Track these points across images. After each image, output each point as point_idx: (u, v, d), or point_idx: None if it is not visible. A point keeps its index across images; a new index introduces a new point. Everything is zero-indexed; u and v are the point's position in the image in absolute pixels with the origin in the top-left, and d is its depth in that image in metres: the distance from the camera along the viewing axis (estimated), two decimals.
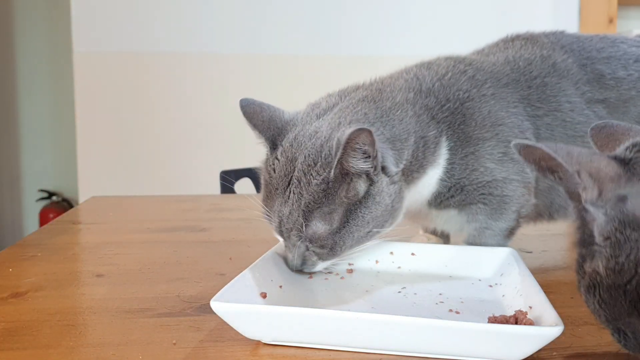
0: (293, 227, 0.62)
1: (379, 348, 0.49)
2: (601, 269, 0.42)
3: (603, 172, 0.42)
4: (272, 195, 0.65)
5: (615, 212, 0.41)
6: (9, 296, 0.63)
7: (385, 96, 0.68)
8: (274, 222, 0.64)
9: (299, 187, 0.61)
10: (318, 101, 0.72)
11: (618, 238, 0.41)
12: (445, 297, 0.60)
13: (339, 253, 0.63)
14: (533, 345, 0.45)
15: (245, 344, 0.50)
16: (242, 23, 2.36)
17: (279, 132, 0.67)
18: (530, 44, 0.79)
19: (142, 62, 2.33)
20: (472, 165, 0.70)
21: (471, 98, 0.71)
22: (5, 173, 3.40)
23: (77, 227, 1.04)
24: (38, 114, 3.39)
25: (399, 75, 0.75)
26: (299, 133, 0.65)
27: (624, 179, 0.42)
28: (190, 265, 0.76)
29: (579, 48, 0.79)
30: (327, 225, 0.61)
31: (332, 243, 0.62)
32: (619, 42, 0.80)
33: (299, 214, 0.61)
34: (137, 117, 2.35)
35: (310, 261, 0.64)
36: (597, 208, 0.42)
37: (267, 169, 0.67)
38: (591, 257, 0.43)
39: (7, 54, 3.34)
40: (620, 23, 2.56)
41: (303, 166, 0.62)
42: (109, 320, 0.57)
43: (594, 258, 0.43)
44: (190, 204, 1.25)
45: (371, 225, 0.63)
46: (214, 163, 1.91)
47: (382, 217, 0.63)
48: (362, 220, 0.62)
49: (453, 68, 0.74)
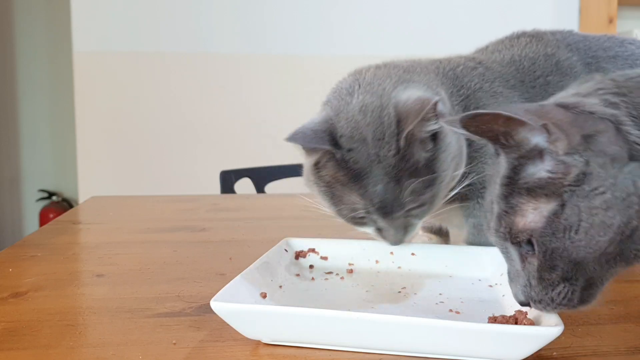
0: (394, 199, 0.63)
1: (379, 348, 0.49)
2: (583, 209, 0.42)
3: (563, 120, 0.43)
4: (357, 183, 0.64)
5: (588, 153, 0.42)
6: (9, 296, 0.63)
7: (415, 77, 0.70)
8: (370, 205, 0.64)
9: (384, 161, 0.63)
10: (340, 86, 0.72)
11: (601, 174, 0.42)
12: (445, 297, 0.60)
13: (436, 202, 0.66)
14: (533, 345, 0.45)
15: (245, 344, 0.50)
16: (242, 23, 2.36)
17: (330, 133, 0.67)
18: (535, 41, 0.80)
19: (142, 62, 2.33)
20: (479, 158, 0.70)
21: (484, 90, 0.73)
22: (5, 173, 3.40)
23: (77, 227, 1.04)
24: (38, 114, 3.39)
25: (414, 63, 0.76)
26: (350, 117, 0.66)
27: (577, 121, 0.43)
28: (190, 265, 0.76)
29: (584, 47, 0.79)
30: (420, 182, 0.63)
31: (429, 196, 0.64)
32: (627, 43, 0.80)
33: (395, 185, 0.63)
34: (137, 117, 2.35)
35: (410, 227, 0.66)
36: (573, 155, 0.43)
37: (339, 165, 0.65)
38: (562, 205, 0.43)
39: (7, 53, 3.34)
40: (620, 23, 2.56)
41: (375, 143, 0.63)
42: (109, 320, 0.57)
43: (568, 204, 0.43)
44: (190, 204, 1.25)
45: (452, 167, 0.66)
46: (214, 163, 1.91)
47: (457, 158, 0.67)
48: (445, 163, 0.65)
49: (465, 63, 0.76)
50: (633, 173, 0.42)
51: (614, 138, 0.42)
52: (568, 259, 0.43)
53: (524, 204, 0.45)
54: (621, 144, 0.42)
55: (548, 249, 0.44)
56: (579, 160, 0.42)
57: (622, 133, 0.43)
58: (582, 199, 0.42)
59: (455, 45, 1.02)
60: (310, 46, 2.39)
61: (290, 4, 2.38)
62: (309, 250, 0.70)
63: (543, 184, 0.44)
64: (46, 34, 3.33)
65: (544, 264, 0.44)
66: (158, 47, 2.33)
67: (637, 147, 0.42)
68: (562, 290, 0.45)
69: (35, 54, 3.35)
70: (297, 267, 0.68)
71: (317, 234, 0.89)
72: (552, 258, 0.44)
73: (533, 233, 0.44)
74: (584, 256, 0.43)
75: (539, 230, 0.44)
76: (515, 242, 0.46)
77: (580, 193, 0.42)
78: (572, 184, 0.43)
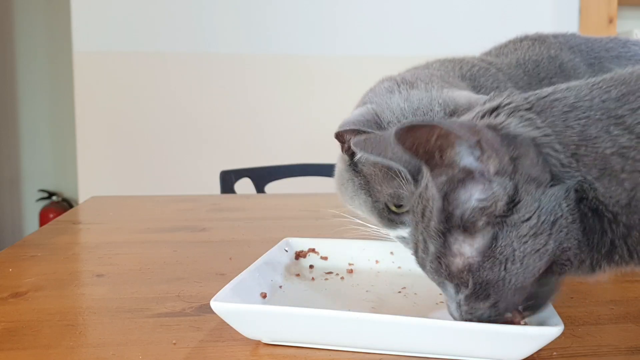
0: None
1: (379, 348, 0.49)
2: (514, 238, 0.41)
3: (493, 140, 0.42)
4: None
5: (516, 177, 0.41)
6: (9, 296, 0.63)
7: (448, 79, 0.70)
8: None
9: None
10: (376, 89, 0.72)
11: (527, 200, 0.41)
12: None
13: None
14: (533, 345, 0.45)
15: (245, 344, 0.50)
16: (242, 23, 2.36)
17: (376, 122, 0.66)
18: (538, 44, 0.80)
19: (142, 62, 2.33)
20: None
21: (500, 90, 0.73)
22: (5, 173, 3.40)
23: (77, 227, 1.04)
24: (38, 114, 3.39)
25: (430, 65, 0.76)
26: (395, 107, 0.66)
27: (504, 142, 0.42)
28: (190, 265, 0.76)
29: (587, 49, 0.80)
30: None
31: None
32: (631, 44, 0.81)
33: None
34: (137, 117, 2.35)
35: None
36: (502, 177, 0.41)
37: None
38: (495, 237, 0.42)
39: (7, 53, 3.34)
40: (620, 23, 2.56)
41: None
42: (109, 320, 0.57)
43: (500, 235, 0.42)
44: (190, 204, 1.25)
45: None
46: (214, 163, 1.91)
47: None
48: None
49: (479, 64, 0.76)
50: (556, 195, 0.41)
51: (535, 160, 0.42)
52: (504, 289, 0.43)
53: (461, 241, 0.43)
54: (542, 166, 0.42)
55: (484, 281, 0.43)
56: (508, 184, 0.41)
57: (542, 155, 0.42)
58: (512, 227, 0.41)
59: (456, 46, 1.02)
60: (310, 46, 2.39)
61: (290, 4, 2.38)
62: (309, 250, 0.70)
63: (476, 215, 0.42)
64: (46, 34, 3.33)
65: (477, 295, 0.44)
66: (158, 47, 2.33)
67: (557, 169, 0.42)
68: (486, 312, 0.45)
69: (35, 54, 3.35)
70: (297, 267, 0.68)
71: (317, 234, 0.89)
72: (486, 289, 0.43)
73: (471, 268, 0.43)
74: (522, 282, 0.42)
75: (476, 264, 0.43)
76: (457, 283, 0.45)
77: (510, 222, 0.41)
78: (503, 214, 0.41)
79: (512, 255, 0.42)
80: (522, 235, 0.41)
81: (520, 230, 0.41)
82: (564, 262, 0.43)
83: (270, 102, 2.40)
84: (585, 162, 0.42)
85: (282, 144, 2.35)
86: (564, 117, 0.43)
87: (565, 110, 0.44)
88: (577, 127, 0.43)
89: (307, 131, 2.37)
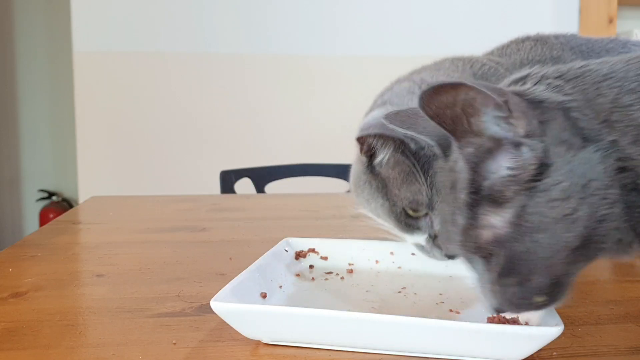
0: None
1: (379, 348, 0.49)
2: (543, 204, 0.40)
3: (520, 104, 0.41)
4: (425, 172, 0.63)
5: (546, 139, 0.40)
6: (9, 296, 0.63)
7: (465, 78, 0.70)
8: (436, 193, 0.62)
9: None
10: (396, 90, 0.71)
11: (558, 163, 0.40)
12: (446, 297, 0.60)
13: None
14: (533, 345, 0.45)
15: (245, 344, 0.50)
16: (242, 23, 2.36)
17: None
18: (540, 45, 0.80)
19: (142, 62, 2.33)
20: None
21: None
22: (5, 173, 3.40)
23: (77, 227, 1.04)
24: (38, 114, 3.39)
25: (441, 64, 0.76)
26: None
27: (531, 107, 0.41)
28: (190, 265, 0.76)
29: (588, 49, 0.80)
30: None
31: None
32: (631, 45, 0.81)
33: None
34: (137, 117, 2.35)
35: None
36: (532, 138, 0.40)
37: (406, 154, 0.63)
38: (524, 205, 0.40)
39: (7, 53, 3.34)
40: (620, 23, 2.56)
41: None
42: (109, 320, 0.57)
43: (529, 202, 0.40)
44: (190, 204, 1.25)
45: None
46: (214, 163, 1.91)
47: None
48: None
49: (488, 63, 0.76)
50: (590, 158, 0.40)
51: (564, 124, 0.41)
52: (534, 262, 0.41)
53: (490, 212, 0.42)
54: (572, 130, 0.41)
55: (514, 254, 0.42)
56: (538, 147, 0.40)
57: (571, 120, 0.41)
58: (542, 192, 0.40)
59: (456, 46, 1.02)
60: (310, 46, 2.39)
61: (290, 4, 2.38)
62: (309, 250, 0.70)
63: (505, 185, 0.41)
64: (46, 34, 3.33)
65: (506, 269, 0.43)
66: (158, 47, 2.33)
67: (588, 132, 0.41)
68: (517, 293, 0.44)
69: (35, 54, 3.35)
70: (297, 267, 0.68)
71: (317, 234, 0.89)
72: (517, 263, 0.42)
73: (499, 240, 0.42)
74: (550, 256, 0.41)
75: (504, 237, 0.42)
76: (485, 256, 0.44)
77: (540, 187, 0.40)
78: (533, 179, 0.40)
79: (541, 222, 0.40)
80: (552, 200, 0.39)
81: (551, 194, 0.39)
82: (599, 240, 0.41)
83: (270, 102, 2.40)
84: (618, 128, 0.41)
85: (282, 144, 2.35)
86: (595, 85, 0.42)
87: (597, 80, 0.43)
88: (610, 95, 0.41)
89: (307, 131, 2.37)
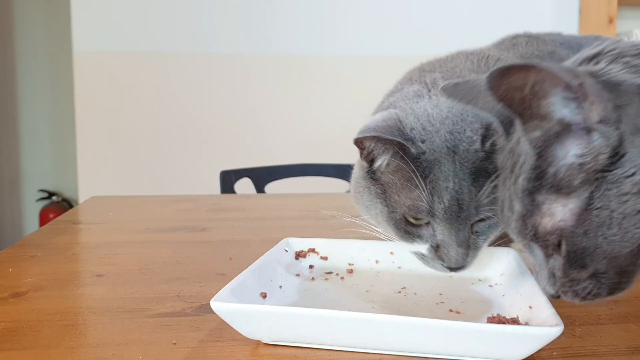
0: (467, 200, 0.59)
1: (379, 348, 0.49)
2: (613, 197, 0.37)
3: (595, 86, 0.37)
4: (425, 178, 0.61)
5: (621, 126, 0.37)
6: (9, 296, 0.63)
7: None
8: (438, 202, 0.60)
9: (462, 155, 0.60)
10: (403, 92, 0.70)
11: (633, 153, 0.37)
12: (445, 297, 0.60)
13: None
14: (533, 345, 0.45)
15: (245, 344, 0.50)
16: (242, 23, 2.36)
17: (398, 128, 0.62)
18: (534, 40, 0.81)
19: (142, 62, 2.33)
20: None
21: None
22: (5, 173, 3.40)
23: (77, 227, 1.04)
24: (38, 114, 3.39)
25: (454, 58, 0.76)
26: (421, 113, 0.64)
27: (606, 89, 0.38)
28: (190, 265, 0.76)
29: (577, 44, 0.81)
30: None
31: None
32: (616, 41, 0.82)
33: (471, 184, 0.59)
34: (137, 117, 2.35)
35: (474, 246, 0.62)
36: (607, 125, 0.37)
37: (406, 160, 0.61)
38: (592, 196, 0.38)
39: (7, 53, 3.34)
40: (620, 23, 2.56)
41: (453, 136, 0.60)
42: (109, 320, 0.57)
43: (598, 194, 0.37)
44: (190, 204, 1.25)
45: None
46: (214, 163, 1.91)
47: None
48: None
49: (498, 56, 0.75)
50: None
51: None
52: (601, 257, 0.39)
53: (552, 201, 0.39)
54: None
55: (578, 248, 0.39)
56: (613, 134, 0.37)
57: None
58: (612, 184, 0.37)
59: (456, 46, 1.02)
60: (310, 46, 2.39)
61: (290, 4, 2.38)
62: (309, 250, 0.70)
63: (573, 173, 0.38)
64: (46, 34, 3.33)
65: (572, 263, 0.40)
66: (158, 47, 2.33)
67: None
68: (588, 286, 0.41)
69: (35, 54, 3.35)
70: (297, 267, 0.68)
71: (317, 234, 0.89)
72: (582, 257, 0.39)
73: (562, 233, 0.39)
74: (618, 251, 0.38)
75: (569, 229, 0.39)
76: (543, 245, 0.42)
77: (611, 178, 0.37)
78: (604, 169, 0.37)
79: (610, 217, 0.37)
80: (624, 194, 0.37)
81: (622, 187, 0.37)
82: None
83: (270, 102, 2.40)
84: None
85: (282, 144, 2.35)
86: None
87: None
88: None
89: (307, 131, 2.37)
